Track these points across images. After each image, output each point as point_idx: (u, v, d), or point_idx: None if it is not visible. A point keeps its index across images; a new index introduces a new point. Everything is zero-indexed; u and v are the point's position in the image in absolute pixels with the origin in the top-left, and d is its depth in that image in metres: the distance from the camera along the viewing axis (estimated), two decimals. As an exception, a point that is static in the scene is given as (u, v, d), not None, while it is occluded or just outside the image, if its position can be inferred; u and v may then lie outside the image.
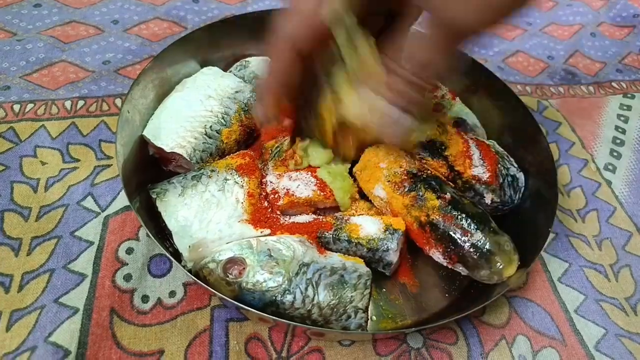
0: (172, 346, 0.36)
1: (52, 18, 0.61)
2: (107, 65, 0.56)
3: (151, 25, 0.62)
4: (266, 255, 0.35)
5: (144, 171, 0.42)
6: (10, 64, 0.54)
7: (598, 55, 0.69)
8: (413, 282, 0.40)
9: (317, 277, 0.35)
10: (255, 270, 0.34)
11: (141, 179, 0.41)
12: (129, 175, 0.39)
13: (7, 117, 0.48)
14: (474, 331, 0.39)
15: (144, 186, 0.40)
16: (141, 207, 0.38)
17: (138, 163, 0.42)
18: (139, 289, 0.38)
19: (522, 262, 0.37)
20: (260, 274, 0.34)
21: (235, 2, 0.68)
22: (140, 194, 0.39)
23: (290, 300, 0.34)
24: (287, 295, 0.34)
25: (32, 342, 0.35)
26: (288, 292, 0.34)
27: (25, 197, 0.43)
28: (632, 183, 0.52)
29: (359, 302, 0.35)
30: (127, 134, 0.41)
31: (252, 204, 0.40)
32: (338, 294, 0.34)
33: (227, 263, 0.35)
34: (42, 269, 0.39)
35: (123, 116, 0.40)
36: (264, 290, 0.34)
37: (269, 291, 0.34)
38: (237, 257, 0.35)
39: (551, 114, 0.58)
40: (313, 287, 0.34)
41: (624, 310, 0.42)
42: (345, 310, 0.34)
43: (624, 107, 0.60)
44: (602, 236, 0.47)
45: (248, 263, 0.35)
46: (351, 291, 0.35)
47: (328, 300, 0.34)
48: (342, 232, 0.38)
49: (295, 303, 0.34)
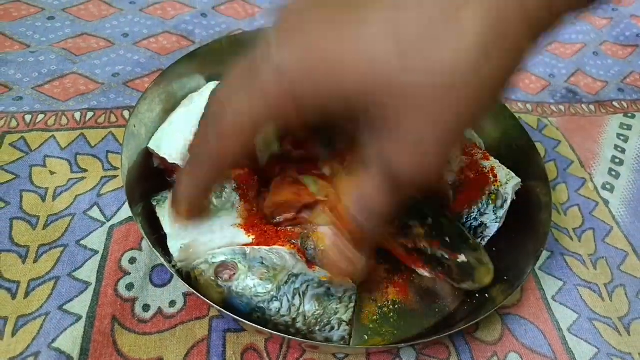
0: (170, 355, 0.37)
1: (65, 31, 0.63)
2: (116, 77, 0.57)
3: (160, 39, 0.64)
4: (258, 262, 0.36)
5: (148, 182, 0.43)
6: (24, 75, 0.56)
7: (600, 74, 0.69)
8: (406, 297, 0.41)
9: (304, 287, 0.36)
10: (246, 275, 0.36)
11: (145, 190, 0.42)
12: (133, 186, 0.40)
13: (18, 127, 0.50)
14: (467, 347, 0.40)
15: (148, 197, 0.41)
16: (144, 218, 0.39)
17: (142, 175, 0.43)
18: (141, 298, 0.39)
19: (513, 280, 0.38)
20: (250, 279, 0.35)
21: (244, 17, 0.70)
22: (143, 206, 0.40)
23: (277, 307, 0.35)
24: (274, 302, 0.35)
25: (36, 348, 0.36)
26: (275, 299, 0.35)
27: (34, 205, 0.44)
28: (629, 203, 0.53)
29: (343, 315, 0.36)
30: (133, 146, 0.42)
31: (246, 210, 0.41)
32: (323, 305, 0.36)
33: (219, 266, 0.36)
34: (48, 276, 0.40)
35: (129, 129, 0.42)
36: (252, 296, 0.35)
37: (257, 297, 0.35)
38: (230, 262, 0.36)
39: (551, 132, 0.59)
40: (300, 296, 0.35)
41: (617, 330, 0.42)
42: (329, 321, 0.35)
43: (624, 127, 0.61)
44: (598, 255, 0.48)
45: (240, 268, 0.36)
46: (336, 303, 0.36)
47: (313, 310, 0.35)
48: (308, 240, 0.39)
49: (281, 310, 0.35)
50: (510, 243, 0.42)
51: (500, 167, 0.44)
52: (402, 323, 0.40)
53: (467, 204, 0.42)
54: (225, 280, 0.36)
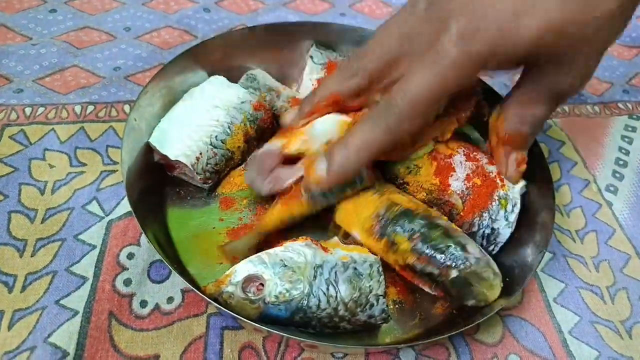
0: (167, 352, 0.36)
1: (67, 23, 0.62)
2: (117, 71, 0.57)
3: (162, 33, 0.63)
4: (281, 266, 0.35)
5: (148, 177, 0.43)
6: (25, 67, 0.56)
7: (605, 75, 0.69)
8: (407, 297, 0.41)
9: (333, 275, 0.36)
10: (275, 282, 0.35)
11: (145, 185, 0.42)
12: (133, 181, 0.40)
13: (18, 120, 0.50)
14: (467, 349, 0.39)
15: (147, 192, 0.41)
16: (143, 213, 0.39)
17: (142, 169, 0.42)
18: (138, 293, 0.39)
19: (515, 283, 0.37)
20: (281, 285, 0.34)
21: (246, 12, 0.69)
22: (142, 201, 0.40)
23: (315, 303, 0.34)
24: (311, 299, 0.34)
25: (32, 342, 0.36)
26: (312, 296, 0.34)
27: (32, 199, 0.44)
28: (633, 205, 0.52)
29: (377, 290, 0.36)
30: (133, 141, 0.42)
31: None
32: (357, 287, 0.36)
33: (244, 282, 0.35)
34: (45, 270, 0.40)
35: (130, 124, 0.41)
36: (289, 300, 0.34)
37: (294, 300, 0.34)
38: (254, 274, 0.35)
39: (555, 133, 0.59)
40: (333, 285, 0.35)
41: (618, 333, 0.42)
42: (367, 300, 0.36)
43: (629, 129, 0.60)
44: (600, 258, 0.47)
45: (266, 278, 0.35)
46: (368, 281, 0.36)
47: (350, 295, 0.35)
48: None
49: (320, 304, 0.34)
50: (512, 245, 0.41)
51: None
52: (401, 323, 0.39)
53: (477, 212, 0.41)
54: (255, 294, 0.34)
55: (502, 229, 0.40)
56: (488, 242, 0.41)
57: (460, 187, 0.41)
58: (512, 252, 0.41)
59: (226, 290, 0.34)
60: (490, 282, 0.37)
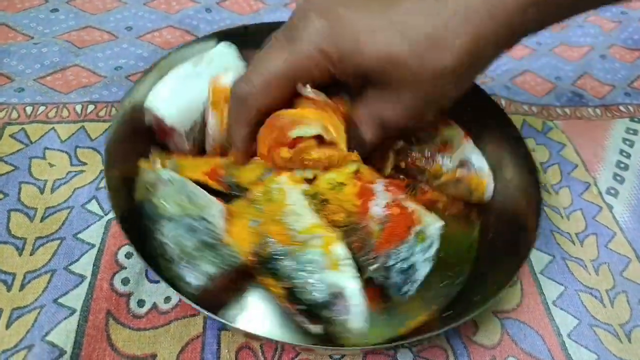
0: (164, 351, 0.36)
1: (69, 23, 0.62)
2: (118, 71, 0.57)
3: (164, 33, 0.63)
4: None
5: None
6: (26, 66, 0.56)
7: (607, 77, 0.68)
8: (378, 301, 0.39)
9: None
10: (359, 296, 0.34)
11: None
12: (118, 191, 0.39)
13: (19, 119, 0.50)
14: (465, 351, 0.39)
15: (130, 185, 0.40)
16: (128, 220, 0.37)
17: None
18: (136, 293, 0.39)
19: (503, 279, 0.37)
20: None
21: (248, 12, 0.69)
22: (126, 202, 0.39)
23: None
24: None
25: (30, 341, 0.36)
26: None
27: (32, 197, 0.44)
28: (634, 208, 0.52)
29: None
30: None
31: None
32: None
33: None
34: (44, 269, 0.40)
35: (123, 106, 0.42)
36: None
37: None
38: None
39: (556, 135, 0.58)
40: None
41: (617, 336, 0.42)
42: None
43: (630, 131, 0.60)
44: (600, 261, 0.47)
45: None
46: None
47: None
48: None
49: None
50: (498, 240, 0.42)
51: (424, 212, 0.39)
52: (393, 323, 0.39)
53: (394, 242, 0.37)
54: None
55: (419, 265, 0.37)
56: (405, 278, 0.37)
57: (379, 213, 0.38)
58: (499, 247, 0.42)
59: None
60: (353, 342, 0.34)
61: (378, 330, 0.38)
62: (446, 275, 0.42)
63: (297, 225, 0.37)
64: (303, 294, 0.34)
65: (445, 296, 0.41)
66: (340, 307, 0.33)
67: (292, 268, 0.34)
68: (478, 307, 0.36)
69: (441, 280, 0.42)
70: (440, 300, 0.41)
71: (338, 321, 0.33)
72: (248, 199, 0.40)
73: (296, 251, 0.35)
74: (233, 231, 0.38)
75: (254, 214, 0.39)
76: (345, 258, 0.35)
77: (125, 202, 0.39)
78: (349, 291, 0.34)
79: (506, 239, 0.42)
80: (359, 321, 0.34)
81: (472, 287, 0.41)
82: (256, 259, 0.36)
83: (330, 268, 0.35)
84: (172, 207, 0.37)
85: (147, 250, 0.36)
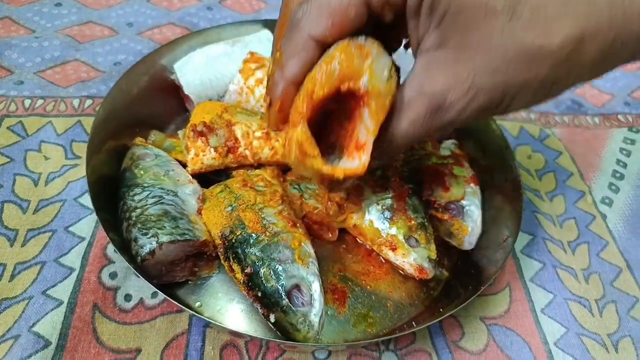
0: (149, 346, 0.37)
1: (71, 17, 0.63)
2: (117, 66, 0.57)
3: (164, 30, 0.64)
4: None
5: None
6: (26, 59, 0.56)
7: (607, 86, 0.68)
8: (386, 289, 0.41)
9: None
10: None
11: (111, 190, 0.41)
12: (99, 188, 0.39)
13: (17, 111, 0.50)
14: (450, 356, 0.39)
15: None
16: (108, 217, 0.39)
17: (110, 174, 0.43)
18: (123, 287, 0.39)
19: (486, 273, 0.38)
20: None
21: (249, 11, 0.70)
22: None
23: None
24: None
25: (17, 331, 0.36)
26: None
27: (26, 189, 0.44)
28: (627, 218, 0.52)
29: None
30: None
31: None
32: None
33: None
34: (34, 260, 0.40)
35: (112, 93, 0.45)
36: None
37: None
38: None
39: (552, 142, 0.58)
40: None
41: (605, 346, 0.42)
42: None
43: (628, 141, 0.60)
44: (591, 270, 0.47)
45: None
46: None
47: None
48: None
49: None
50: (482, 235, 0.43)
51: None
52: (381, 320, 0.39)
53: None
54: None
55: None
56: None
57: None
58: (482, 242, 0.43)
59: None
60: (304, 335, 0.35)
61: (342, 331, 0.38)
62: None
63: (272, 218, 0.39)
64: (263, 281, 0.36)
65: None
66: (301, 298, 0.36)
67: (257, 256, 0.37)
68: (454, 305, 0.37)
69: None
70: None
71: (298, 311, 0.35)
72: (226, 184, 0.42)
73: (265, 240, 0.38)
74: (205, 213, 0.40)
75: (229, 199, 0.41)
76: (312, 257, 0.39)
77: (102, 170, 0.41)
78: (314, 286, 0.37)
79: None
80: (317, 314, 0.36)
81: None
82: (223, 241, 0.38)
83: (297, 262, 0.37)
84: (148, 176, 0.40)
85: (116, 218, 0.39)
